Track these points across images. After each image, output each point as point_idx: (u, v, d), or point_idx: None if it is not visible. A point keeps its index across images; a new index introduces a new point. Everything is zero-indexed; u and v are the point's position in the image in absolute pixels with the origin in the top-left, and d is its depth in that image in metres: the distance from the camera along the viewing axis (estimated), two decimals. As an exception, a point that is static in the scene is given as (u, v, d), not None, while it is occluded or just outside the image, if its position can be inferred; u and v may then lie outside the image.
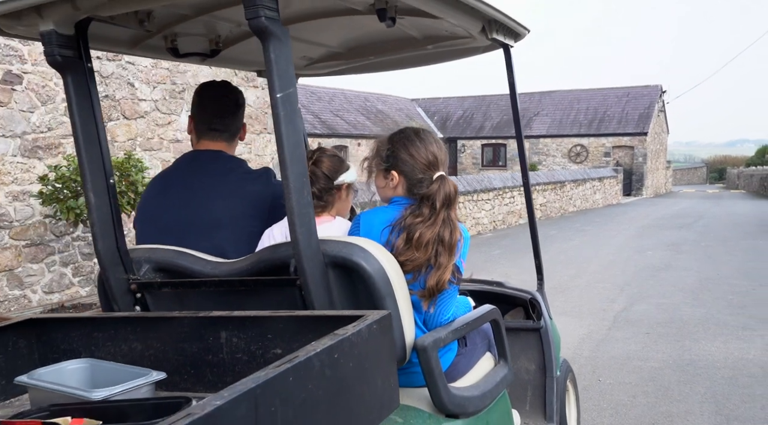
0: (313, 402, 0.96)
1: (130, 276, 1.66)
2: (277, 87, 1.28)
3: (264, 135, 6.52)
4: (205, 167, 1.88)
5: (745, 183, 34.75)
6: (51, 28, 1.46)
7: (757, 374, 3.48)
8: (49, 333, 1.60)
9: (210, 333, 1.42)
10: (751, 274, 6.52)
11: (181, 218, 1.82)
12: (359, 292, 1.41)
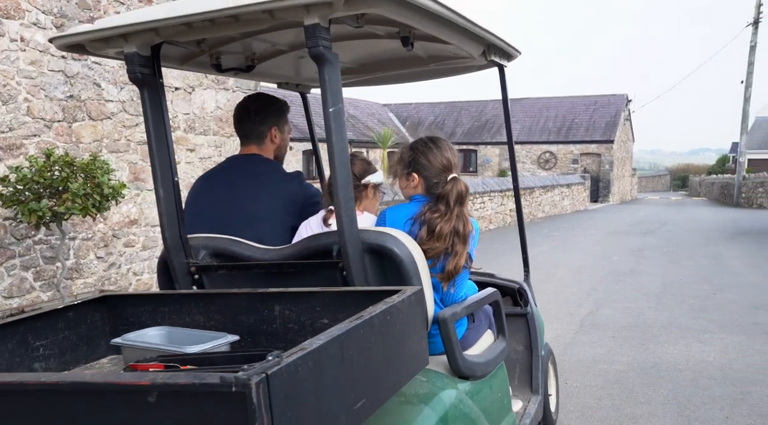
0: (374, 351, 1.23)
1: (190, 260, 1.93)
2: (329, 102, 1.56)
3: (234, 138, 6.45)
4: (242, 168, 2.20)
5: (707, 191, 35.77)
6: (134, 50, 1.75)
7: (716, 376, 3.58)
8: (119, 307, 1.86)
9: (265, 307, 1.68)
10: (711, 279, 6.71)
11: (225, 212, 2.10)
12: (388, 273, 1.70)
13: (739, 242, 10.08)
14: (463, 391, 1.79)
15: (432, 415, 1.52)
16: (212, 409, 0.91)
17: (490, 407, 1.94)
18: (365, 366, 1.20)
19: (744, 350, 4.05)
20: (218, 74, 2.32)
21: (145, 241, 5.44)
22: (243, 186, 2.15)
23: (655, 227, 13.71)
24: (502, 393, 2.10)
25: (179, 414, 0.93)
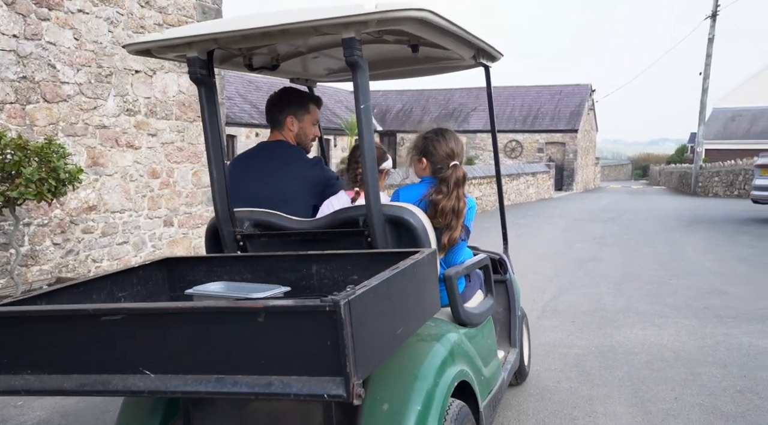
0: (406, 293, 1.65)
1: (236, 229, 2.32)
2: (360, 100, 1.92)
3: (198, 123, 6.33)
4: (270, 153, 2.60)
5: (666, 180, 36.76)
6: (195, 55, 2.12)
7: (669, 358, 3.70)
8: (178, 268, 2.25)
9: (304, 267, 2.08)
10: (668, 265, 6.92)
11: (256, 191, 2.48)
12: (403, 240, 2.13)
13: (695, 230, 10.41)
14: (463, 335, 2.21)
15: (442, 350, 1.96)
16: (309, 324, 1.33)
17: (482, 350, 2.41)
18: (401, 304, 1.62)
19: (696, 333, 4.19)
20: (249, 72, 2.70)
21: (105, 227, 5.32)
22: (271, 169, 2.55)
23: (616, 215, 14.04)
24: (491, 341, 2.59)
25: (280, 329, 1.36)
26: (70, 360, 1.53)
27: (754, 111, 35.54)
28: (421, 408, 1.73)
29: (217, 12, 6.46)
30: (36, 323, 1.55)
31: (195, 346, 1.45)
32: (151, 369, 1.47)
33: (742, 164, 20.83)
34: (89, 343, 1.52)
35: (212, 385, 1.43)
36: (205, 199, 6.46)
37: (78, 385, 1.52)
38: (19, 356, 1.55)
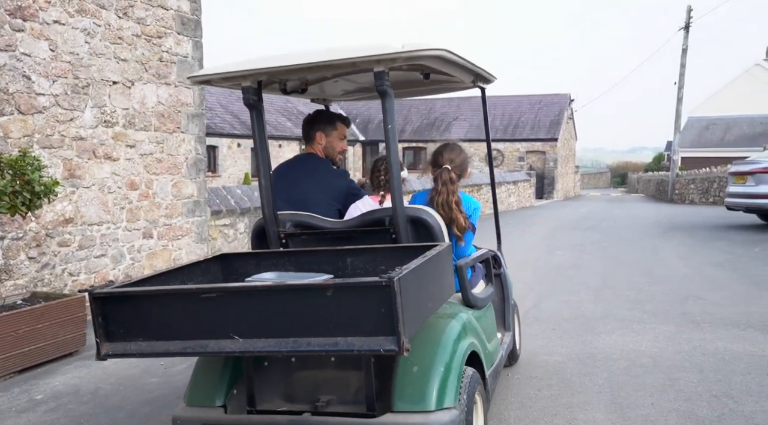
0: (432, 277, 2.08)
1: (280, 229, 2.76)
2: (387, 121, 2.37)
3: (177, 134, 6.29)
4: (301, 164, 3.11)
5: (644, 187, 37.28)
6: (249, 84, 2.57)
7: (647, 364, 3.75)
8: (231, 263, 2.72)
9: (339, 259, 2.56)
10: (646, 272, 7.01)
11: (292, 197, 2.93)
12: (420, 236, 2.59)
13: (672, 237, 10.57)
14: (471, 315, 2.67)
15: (457, 325, 2.42)
16: (368, 296, 1.76)
17: (486, 329, 2.88)
18: (429, 284, 2.05)
19: (673, 338, 4.25)
20: (282, 95, 3.15)
21: (82, 240, 5.24)
22: (300, 177, 3.04)
23: (596, 223, 14.20)
24: (491, 322, 3.08)
25: (344, 300, 1.80)
26: (174, 329, 1.98)
27: (727, 120, 36.30)
28: (444, 370, 2.20)
29: (197, 23, 6.44)
30: (146, 300, 2.02)
31: (276, 316, 1.90)
32: (240, 334, 1.91)
33: (716, 171, 21.22)
34: (190, 315, 1.97)
35: (290, 345, 1.88)
36: (185, 210, 6.41)
37: (181, 348, 1.98)
38: (132, 327, 2.02)
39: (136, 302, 2.02)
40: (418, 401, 2.14)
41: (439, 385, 2.16)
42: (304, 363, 2.37)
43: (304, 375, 2.36)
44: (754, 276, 6.42)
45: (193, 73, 2.60)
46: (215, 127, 24.98)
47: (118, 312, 2.03)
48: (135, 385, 3.69)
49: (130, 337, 2.03)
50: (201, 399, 2.38)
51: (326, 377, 2.33)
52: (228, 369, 2.41)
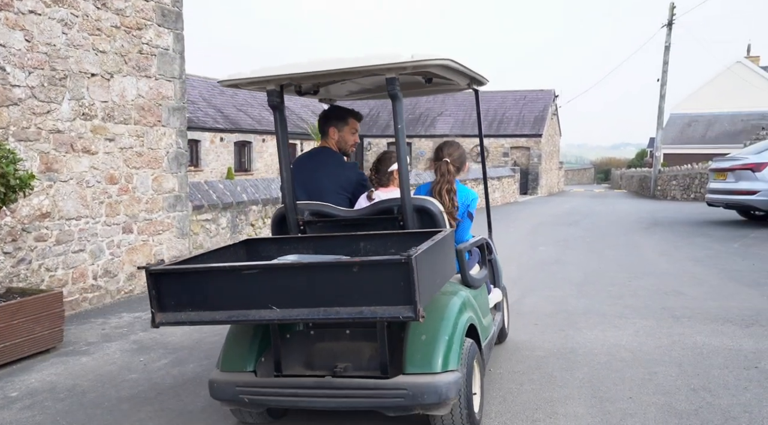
0: (439, 257, 2.44)
1: (299, 217, 3.08)
2: (398, 122, 2.72)
3: (158, 128, 6.20)
4: (315, 157, 3.43)
5: (627, 183, 37.65)
6: (273, 88, 2.94)
7: (627, 358, 3.78)
8: (255, 247, 3.06)
9: (353, 244, 2.89)
10: (628, 267, 7.07)
11: (308, 187, 3.27)
12: (424, 222, 2.93)
13: (654, 232, 10.67)
14: (469, 293, 3.02)
15: (458, 301, 2.78)
16: (389, 271, 2.10)
17: (481, 306, 3.24)
18: (435, 264, 2.39)
19: (653, 333, 4.29)
20: (296, 95, 3.38)
21: (59, 235, 5.16)
22: (314, 169, 3.36)
23: (579, 219, 14.31)
24: (485, 301, 3.43)
25: (368, 275, 2.13)
26: (219, 300, 2.31)
27: (708, 117, 36.74)
28: (448, 339, 2.57)
29: (178, 15, 6.35)
30: (195, 276, 2.36)
31: (308, 289, 2.22)
32: (278, 305, 2.25)
33: (697, 168, 21.48)
34: (233, 289, 2.30)
35: (321, 314, 2.21)
36: (166, 205, 6.33)
37: (226, 317, 2.32)
38: (183, 299, 2.34)
39: (186, 278, 2.37)
40: (426, 364, 2.51)
41: (444, 351, 2.54)
42: (321, 335, 2.81)
43: (322, 346, 2.78)
44: (732, 271, 6.51)
45: (224, 78, 2.94)
46: (197, 121, 24.74)
47: (171, 287, 2.36)
48: (113, 382, 3.64)
49: (180, 308, 2.37)
50: (233, 365, 2.73)
51: (342, 348, 2.74)
52: (256, 340, 2.76)
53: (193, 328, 4.80)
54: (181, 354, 4.16)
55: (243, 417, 2.92)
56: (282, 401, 2.65)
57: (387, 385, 2.49)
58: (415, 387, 2.46)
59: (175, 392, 3.46)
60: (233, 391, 2.66)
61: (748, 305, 4.99)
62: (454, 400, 2.53)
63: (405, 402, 2.48)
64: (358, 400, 2.55)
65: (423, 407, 2.51)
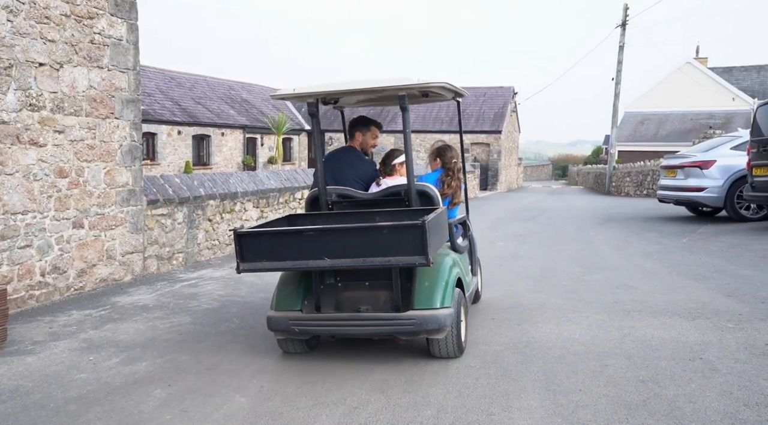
0: (439, 225, 3.47)
1: (328, 198, 4.00)
2: (406, 127, 3.69)
3: (111, 120, 6.01)
4: (343, 154, 4.42)
5: (583, 180, 38.54)
6: (313, 100, 3.90)
7: (580, 351, 3.87)
8: (294, 220, 4.03)
9: (370, 218, 3.82)
10: (582, 262, 7.25)
11: (335, 176, 4.22)
12: (423, 203, 3.88)
13: (608, 228, 10.97)
14: (456, 256, 3.98)
15: (449, 260, 3.74)
16: (409, 232, 3.09)
17: (464, 267, 4.28)
18: (436, 230, 3.31)
19: (605, 326, 4.41)
20: (322, 105, 4.12)
21: (4, 230, 4.95)
22: (342, 163, 4.34)
23: (537, 214, 14.58)
24: (467, 264, 4.51)
25: (394, 236, 3.11)
26: (285, 254, 3.27)
27: (660, 115, 37.92)
28: (444, 285, 3.57)
29: (132, 5, 6.16)
30: (267, 236, 3.38)
31: (351, 245, 3.19)
32: (328, 256, 3.20)
33: (650, 165, 22.15)
34: (295, 245, 3.26)
35: (361, 262, 3.20)
36: (119, 199, 6.15)
37: (290, 265, 3.28)
38: (259, 252, 3.30)
39: (261, 238, 3.36)
40: (429, 302, 3.51)
41: (442, 294, 3.54)
42: (347, 286, 3.78)
43: (348, 294, 3.74)
44: (680, 266, 6.74)
45: (277, 92, 3.89)
46: (154, 113, 24.13)
47: (250, 244, 3.32)
48: (60, 382, 3.52)
49: (256, 259, 3.31)
50: (285, 306, 3.70)
51: (363, 295, 3.71)
52: (300, 289, 3.74)
53: (147, 326, 4.68)
54: (133, 352, 4.06)
55: (287, 347, 3.87)
56: (323, 330, 3.65)
57: (401, 317, 3.48)
58: (421, 318, 3.46)
59: (126, 391, 3.37)
60: (286, 324, 3.61)
61: (694, 298, 5.18)
62: (449, 328, 3.54)
63: (414, 328, 3.48)
64: (381, 328, 3.54)
65: (427, 332, 3.50)
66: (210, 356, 3.97)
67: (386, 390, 3.32)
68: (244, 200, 8.48)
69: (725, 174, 10.45)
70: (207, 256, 7.74)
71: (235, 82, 33.44)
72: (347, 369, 3.66)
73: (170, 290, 5.96)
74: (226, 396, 3.30)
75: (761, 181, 9.04)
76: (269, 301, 5.43)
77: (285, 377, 3.56)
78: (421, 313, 3.47)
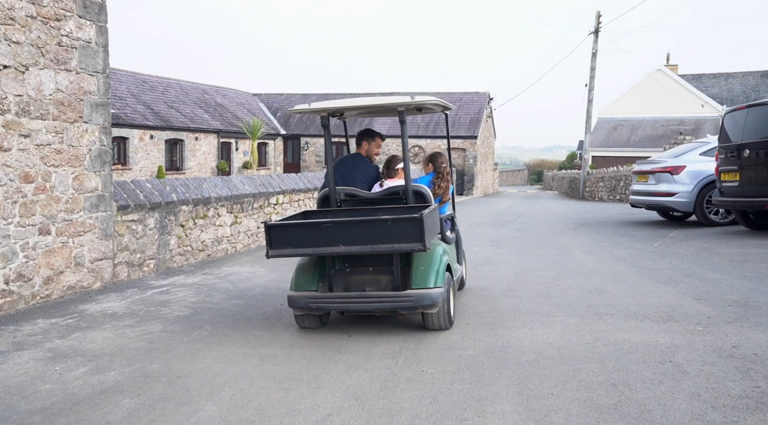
0: (432, 219, 4.24)
1: (338, 197, 4.73)
2: (405, 137, 4.59)
3: (80, 124, 5.89)
4: (353, 160, 5.14)
5: (558, 185, 39.02)
6: (326, 114, 4.73)
7: (553, 355, 3.89)
8: (309, 215, 4.74)
9: (374, 214, 4.40)
10: (557, 266, 7.31)
11: (344, 177, 4.90)
12: (418, 201, 4.66)
13: (581, 232, 11.10)
14: (446, 246, 4.63)
15: (440, 249, 4.41)
16: (409, 223, 3.85)
17: (452, 256, 4.98)
18: (430, 222, 4.08)
19: (578, 330, 4.44)
20: (332, 118, 4.93)
21: (-33, 238, 4.80)
22: (350, 167, 5.04)
23: (512, 219, 14.70)
24: (455, 254, 5.32)
25: (397, 226, 3.87)
26: (306, 242, 3.97)
27: (633, 121, 38.64)
28: (437, 269, 4.27)
29: (101, 6, 6.05)
30: (292, 227, 4.08)
31: (361, 234, 3.88)
32: (342, 243, 3.90)
33: (622, 170, 22.52)
34: (315, 235, 3.94)
35: (369, 248, 3.88)
36: (88, 205, 6.02)
37: (311, 251, 4.01)
38: (285, 240, 4.01)
39: (287, 229, 4.08)
40: (424, 283, 4.23)
41: (434, 276, 4.25)
42: (354, 271, 4.46)
43: (355, 278, 4.44)
44: (652, 270, 6.85)
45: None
46: (126, 117, 23.75)
47: (277, 234, 4.04)
48: (24, 393, 3.41)
49: (282, 247, 4.03)
50: (303, 287, 4.40)
51: (367, 278, 4.40)
52: (316, 273, 4.44)
53: (116, 334, 4.58)
54: (101, 361, 3.96)
55: (303, 322, 4.56)
56: (335, 306, 4.34)
57: (401, 295, 4.19)
58: (418, 295, 4.16)
59: (93, 402, 3.28)
60: (305, 302, 4.31)
61: (664, 301, 5.26)
62: (441, 304, 4.26)
63: (412, 304, 4.18)
64: (384, 304, 4.22)
65: (423, 307, 4.21)
66: (181, 364, 3.89)
67: (360, 396, 3.29)
68: (218, 205, 8.38)
69: (695, 179, 10.67)
70: (179, 262, 7.62)
71: (209, 86, 33.12)
72: (321, 375, 3.63)
73: (141, 298, 5.85)
74: (197, 404, 3.23)
75: (729, 186, 9.25)
76: (243, 308, 5.37)
77: (258, 384, 3.51)
78: (417, 292, 4.17)
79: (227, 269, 7.45)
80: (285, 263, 7.86)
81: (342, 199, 4.75)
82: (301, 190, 11.00)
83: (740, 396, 3.13)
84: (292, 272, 4.53)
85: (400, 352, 4.02)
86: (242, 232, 9.02)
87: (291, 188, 10.64)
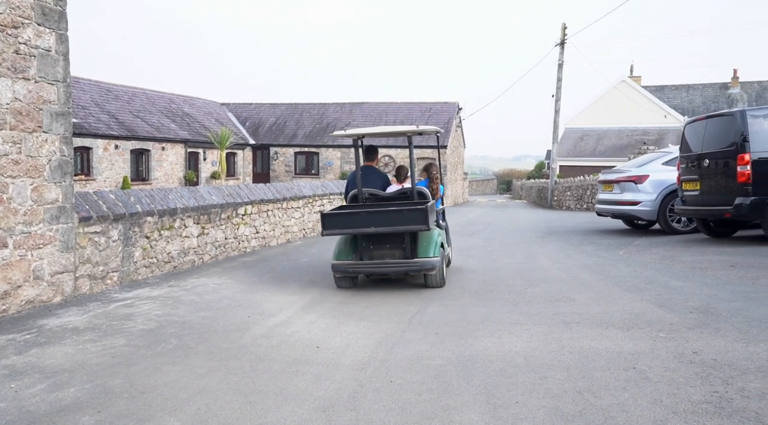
0: (431, 211, 6.27)
1: (363, 195, 6.98)
2: (411, 154, 6.93)
3: (39, 134, 5.73)
4: (369, 169, 7.39)
5: (527, 194, 39.55)
6: (357, 137, 7.08)
7: (521, 364, 3.92)
8: (344, 209, 6.81)
9: (389, 206, 6.37)
10: (524, 275, 7.39)
11: (366, 181, 7.09)
12: (420, 198, 6.71)
13: (549, 241, 11.25)
14: (439, 230, 6.85)
15: (437, 232, 6.59)
16: (418, 211, 6.07)
17: (444, 239, 7.13)
18: (431, 211, 6.23)
19: (545, 338, 4.48)
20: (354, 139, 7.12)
21: None
22: (369, 174, 7.24)
23: (482, 228, 14.83)
24: (445, 237, 7.29)
25: (409, 213, 6.05)
26: (348, 224, 6.14)
27: (598, 131, 39.47)
28: (434, 244, 6.38)
29: (61, 14, 5.92)
30: (338, 215, 6.23)
31: (386, 218, 6.03)
32: (373, 225, 6.03)
33: (589, 179, 22.96)
34: (353, 219, 6.11)
35: (391, 228, 6.02)
36: (48, 217, 5.85)
37: (351, 231, 6.17)
38: (333, 224, 6.14)
39: (335, 216, 6.15)
40: (426, 253, 6.29)
41: (434, 248, 6.32)
42: (376, 247, 6.39)
43: (376, 252, 6.38)
44: (617, 277, 6.97)
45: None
46: (89, 127, 23.26)
47: (329, 220, 6.10)
48: (-23, 414, 3.28)
49: (332, 228, 6.08)
50: (342, 257, 6.37)
51: (385, 252, 6.38)
52: (352, 247, 6.42)
53: (77, 349, 4.45)
54: (60, 377, 3.84)
55: (341, 283, 6.59)
56: (365, 270, 6.42)
57: (411, 261, 6.25)
58: (423, 262, 6.24)
59: (51, 420, 3.17)
60: (345, 267, 6.36)
61: (629, 309, 5.35)
62: (438, 268, 6.34)
63: (419, 268, 6.27)
64: (399, 268, 6.29)
65: (426, 270, 6.28)
66: (144, 378, 3.80)
67: (328, 409, 3.26)
68: (184, 216, 8.25)
69: (658, 188, 10.93)
70: (144, 274, 7.46)
71: (176, 95, 32.66)
72: (288, 388, 3.58)
73: (103, 311, 5.70)
74: (160, 420, 3.15)
75: (690, 195, 9.50)
76: (209, 320, 5.28)
77: (224, 398, 3.44)
78: (422, 259, 6.25)
79: (194, 281, 7.32)
80: (253, 275, 7.76)
81: (366, 197, 6.87)
82: (270, 200, 10.90)
83: (700, 401, 3.19)
84: (333, 249, 6.60)
85: (368, 363, 4.00)
86: (209, 243, 8.88)
87: (260, 198, 10.54)
